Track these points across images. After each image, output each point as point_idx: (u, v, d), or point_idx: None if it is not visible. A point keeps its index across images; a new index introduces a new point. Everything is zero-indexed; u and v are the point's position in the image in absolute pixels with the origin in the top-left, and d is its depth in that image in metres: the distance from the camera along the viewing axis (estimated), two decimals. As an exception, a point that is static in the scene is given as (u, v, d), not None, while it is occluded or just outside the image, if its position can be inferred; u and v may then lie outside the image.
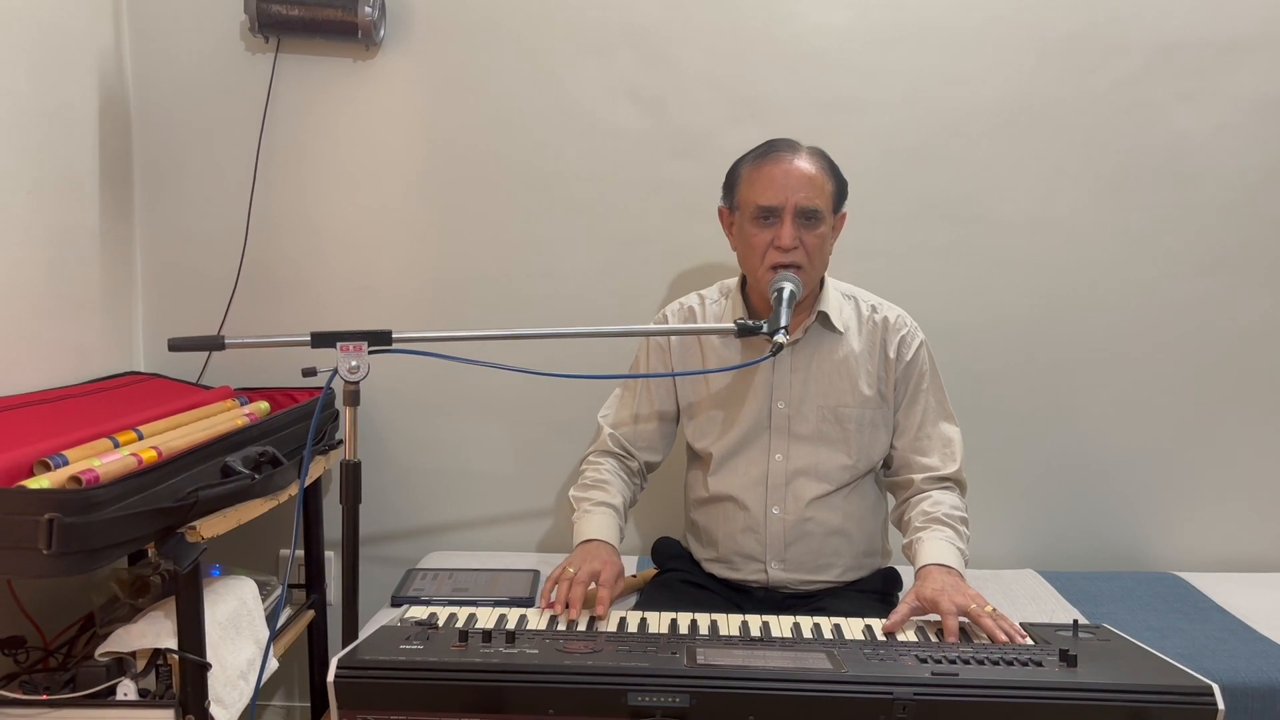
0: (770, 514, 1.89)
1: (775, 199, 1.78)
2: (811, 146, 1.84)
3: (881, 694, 1.25)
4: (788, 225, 1.77)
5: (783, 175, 1.78)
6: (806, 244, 1.77)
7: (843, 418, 1.88)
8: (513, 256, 2.40)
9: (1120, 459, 2.42)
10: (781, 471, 1.89)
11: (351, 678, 1.28)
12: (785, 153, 1.81)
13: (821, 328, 1.90)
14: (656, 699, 1.25)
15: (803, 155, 1.81)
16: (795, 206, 1.77)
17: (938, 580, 1.63)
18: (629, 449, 1.99)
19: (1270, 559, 2.41)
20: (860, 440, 1.89)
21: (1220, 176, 2.34)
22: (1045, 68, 2.32)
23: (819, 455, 1.88)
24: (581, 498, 1.89)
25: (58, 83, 2.10)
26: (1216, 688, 1.26)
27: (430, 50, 2.35)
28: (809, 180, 1.78)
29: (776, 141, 1.84)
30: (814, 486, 1.88)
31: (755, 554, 1.90)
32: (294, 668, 2.51)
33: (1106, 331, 2.38)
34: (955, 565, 1.70)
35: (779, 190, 1.78)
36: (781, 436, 1.89)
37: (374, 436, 2.44)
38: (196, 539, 1.59)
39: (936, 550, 1.73)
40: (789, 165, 1.79)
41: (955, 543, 1.76)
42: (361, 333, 1.51)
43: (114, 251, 2.31)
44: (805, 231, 1.78)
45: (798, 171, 1.78)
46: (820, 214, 1.78)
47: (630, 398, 2.01)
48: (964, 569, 1.73)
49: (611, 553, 1.75)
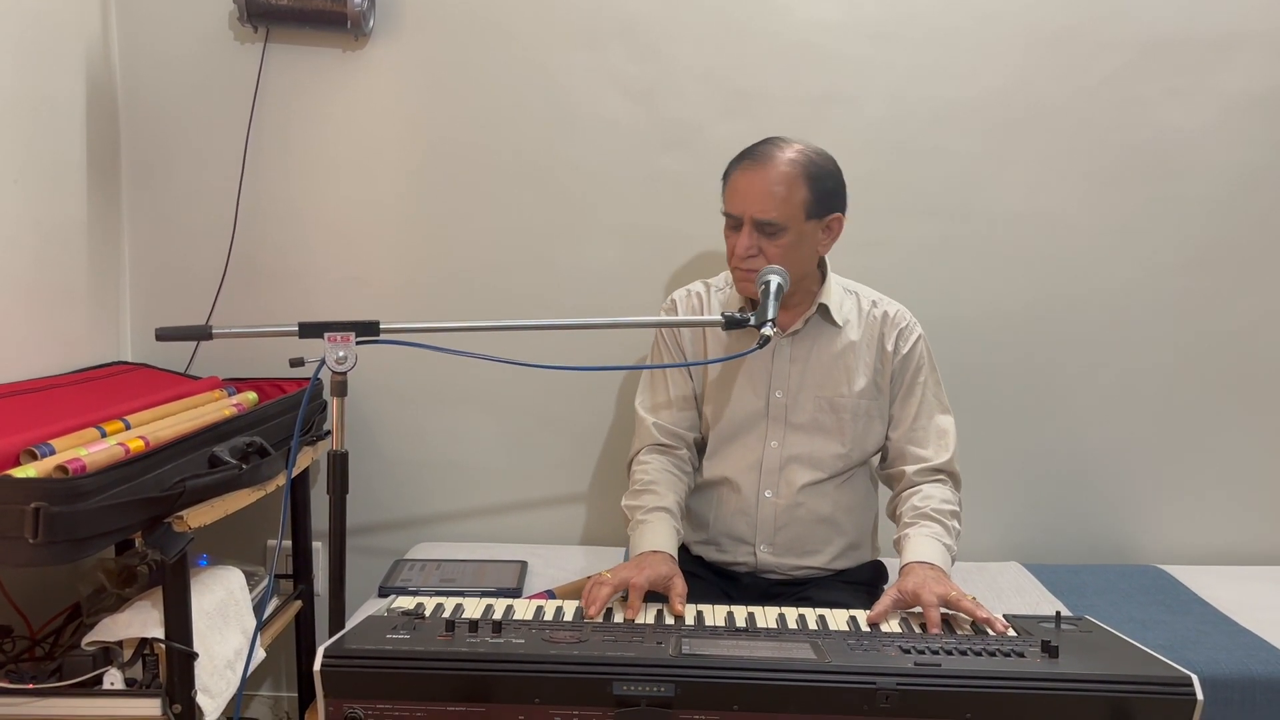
0: (762, 497, 1.91)
1: (736, 208, 1.81)
2: (798, 150, 1.81)
3: (865, 684, 1.26)
4: (744, 234, 1.80)
5: (745, 185, 1.80)
6: (767, 253, 1.79)
7: (838, 408, 1.90)
8: (502, 248, 2.40)
9: (1105, 453, 2.43)
10: (776, 457, 1.92)
11: (338, 667, 1.28)
12: (756, 161, 1.81)
13: (821, 320, 1.92)
14: (642, 688, 1.26)
15: (775, 164, 1.79)
16: (751, 218, 1.79)
17: (919, 575, 1.65)
18: (677, 433, 1.98)
19: (1251, 552, 2.43)
20: (855, 430, 1.91)
21: (1209, 172, 2.35)
22: (1035, 63, 2.32)
23: (814, 444, 1.91)
24: (634, 506, 1.87)
25: (44, 72, 2.09)
26: (1195, 679, 1.27)
27: (420, 41, 2.35)
28: (767, 193, 1.77)
29: (756, 147, 1.84)
30: (807, 473, 1.91)
31: (745, 536, 1.93)
32: (281, 658, 2.51)
33: (1093, 326, 2.40)
34: (939, 562, 1.71)
35: (740, 200, 1.81)
36: (778, 424, 1.92)
37: (362, 427, 2.43)
38: (184, 529, 1.59)
39: (921, 547, 1.75)
40: (753, 175, 1.79)
41: (942, 538, 1.77)
42: (349, 323, 1.50)
43: (101, 241, 2.30)
44: (766, 241, 1.79)
45: (759, 183, 1.78)
46: (777, 225, 1.78)
47: (662, 380, 2.01)
48: (950, 563, 1.74)
49: (669, 562, 1.72)
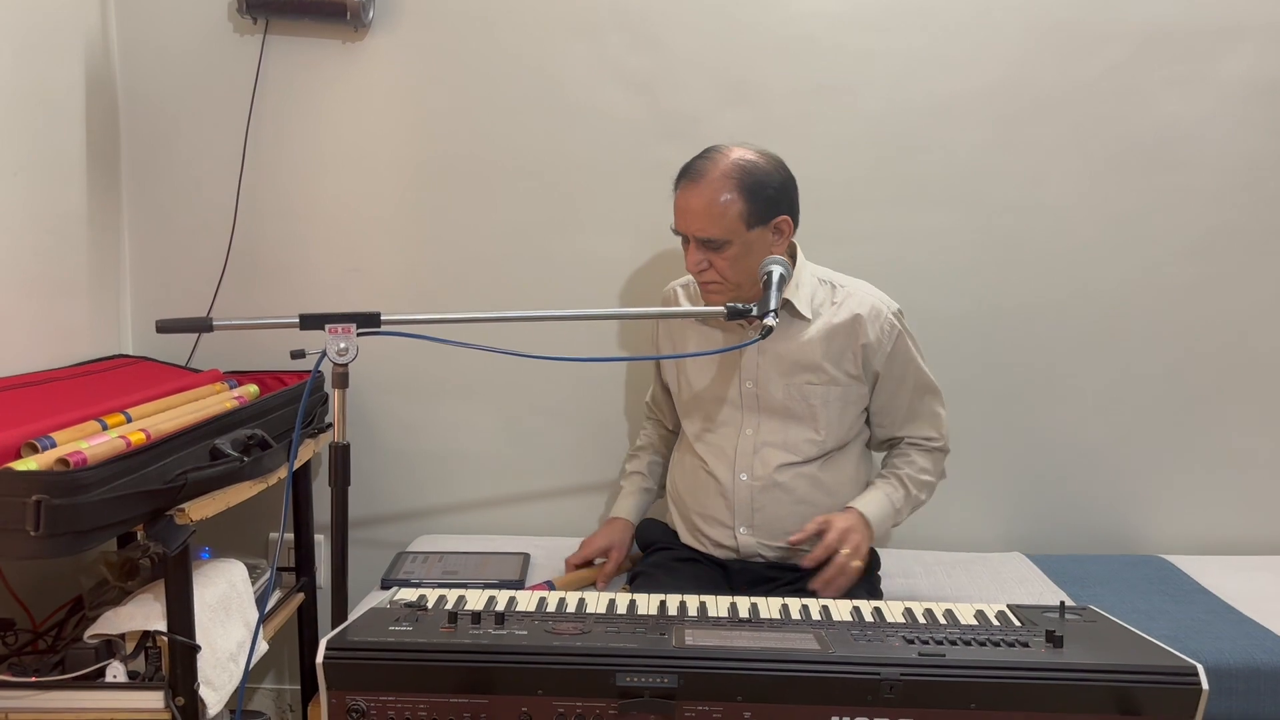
0: (738, 480, 1.96)
1: (680, 226, 1.89)
2: (732, 162, 1.83)
3: (869, 674, 1.26)
4: (692, 250, 1.87)
5: (684, 204, 1.86)
6: (716, 265, 1.86)
7: (808, 395, 1.94)
8: (502, 239, 2.40)
9: (1108, 443, 2.43)
10: (750, 443, 1.97)
11: (341, 659, 1.28)
12: (691, 180, 1.85)
13: (786, 314, 1.93)
14: (645, 679, 1.26)
15: (709, 179, 1.82)
16: (693, 236, 1.86)
17: (853, 518, 1.86)
18: (661, 415, 2.25)
19: (1255, 542, 2.42)
20: (827, 416, 1.95)
21: (1209, 162, 2.34)
22: (1036, 53, 2.31)
23: (787, 431, 1.96)
24: (623, 470, 2.24)
25: (44, 65, 2.09)
26: (1201, 668, 1.27)
27: (419, 32, 2.34)
28: (703, 212, 1.83)
29: (693, 162, 1.88)
30: (781, 456, 1.95)
31: (724, 519, 1.97)
32: (284, 650, 2.51)
33: (1095, 316, 2.39)
34: (873, 516, 1.89)
35: (681, 219, 1.88)
36: (751, 412, 1.98)
37: (363, 419, 2.43)
38: (185, 521, 1.59)
39: (870, 498, 1.94)
40: (690, 194, 1.85)
41: (892, 497, 1.95)
42: (350, 315, 1.51)
43: (102, 234, 2.30)
44: (713, 255, 1.85)
45: (695, 201, 1.84)
46: (718, 242, 1.83)
47: (654, 372, 2.23)
48: (888, 522, 1.94)
49: (619, 532, 2.10)
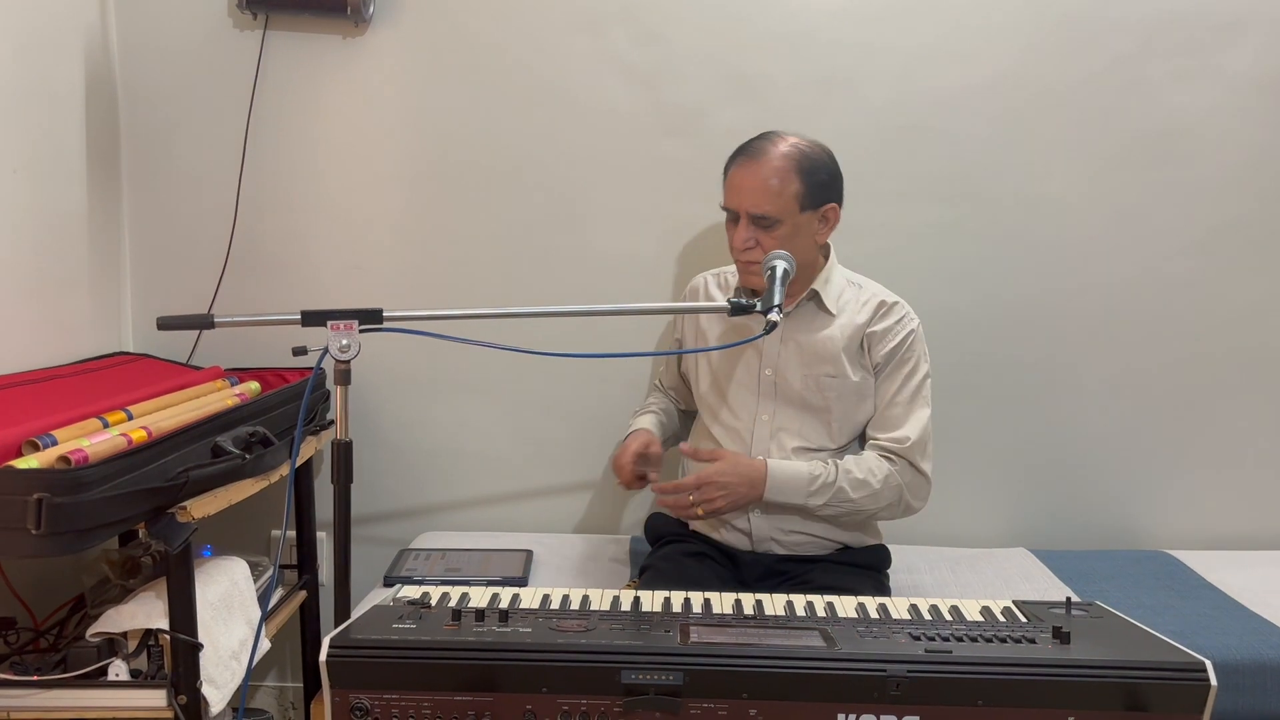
0: None
1: (733, 203, 1.91)
2: (791, 144, 1.89)
3: (875, 671, 1.25)
4: (741, 227, 1.89)
5: (740, 180, 1.89)
6: (764, 244, 1.87)
7: (825, 387, 1.96)
8: (504, 235, 2.39)
9: (1112, 438, 2.42)
10: (766, 429, 1.99)
11: (344, 657, 1.28)
12: (750, 157, 1.89)
13: (814, 306, 1.97)
14: (650, 677, 1.25)
15: (769, 158, 1.87)
16: (747, 212, 1.88)
17: (741, 473, 1.86)
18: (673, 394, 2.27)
19: (1261, 537, 2.42)
20: (841, 408, 1.96)
21: (1214, 155, 2.33)
22: (1040, 45, 2.30)
23: (803, 420, 1.98)
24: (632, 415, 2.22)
25: (43, 61, 2.08)
26: (1209, 664, 1.26)
27: (420, 27, 2.33)
28: (760, 187, 1.86)
29: (751, 142, 1.92)
30: (796, 440, 1.96)
31: None
32: (286, 648, 2.51)
33: (1099, 310, 2.38)
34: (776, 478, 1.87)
35: (735, 195, 1.90)
36: (769, 399, 1.99)
37: (366, 416, 2.43)
38: (187, 519, 1.58)
39: (790, 463, 1.90)
40: (748, 170, 1.88)
41: (814, 473, 1.88)
42: (352, 311, 1.50)
43: (102, 231, 2.29)
44: (762, 234, 1.88)
45: (753, 178, 1.87)
46: (771, 219, 1.86)
47: (667, 361, 2.27)
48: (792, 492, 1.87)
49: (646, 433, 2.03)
